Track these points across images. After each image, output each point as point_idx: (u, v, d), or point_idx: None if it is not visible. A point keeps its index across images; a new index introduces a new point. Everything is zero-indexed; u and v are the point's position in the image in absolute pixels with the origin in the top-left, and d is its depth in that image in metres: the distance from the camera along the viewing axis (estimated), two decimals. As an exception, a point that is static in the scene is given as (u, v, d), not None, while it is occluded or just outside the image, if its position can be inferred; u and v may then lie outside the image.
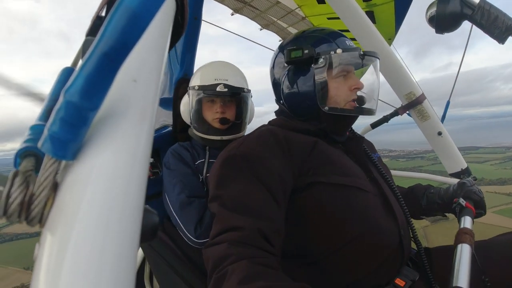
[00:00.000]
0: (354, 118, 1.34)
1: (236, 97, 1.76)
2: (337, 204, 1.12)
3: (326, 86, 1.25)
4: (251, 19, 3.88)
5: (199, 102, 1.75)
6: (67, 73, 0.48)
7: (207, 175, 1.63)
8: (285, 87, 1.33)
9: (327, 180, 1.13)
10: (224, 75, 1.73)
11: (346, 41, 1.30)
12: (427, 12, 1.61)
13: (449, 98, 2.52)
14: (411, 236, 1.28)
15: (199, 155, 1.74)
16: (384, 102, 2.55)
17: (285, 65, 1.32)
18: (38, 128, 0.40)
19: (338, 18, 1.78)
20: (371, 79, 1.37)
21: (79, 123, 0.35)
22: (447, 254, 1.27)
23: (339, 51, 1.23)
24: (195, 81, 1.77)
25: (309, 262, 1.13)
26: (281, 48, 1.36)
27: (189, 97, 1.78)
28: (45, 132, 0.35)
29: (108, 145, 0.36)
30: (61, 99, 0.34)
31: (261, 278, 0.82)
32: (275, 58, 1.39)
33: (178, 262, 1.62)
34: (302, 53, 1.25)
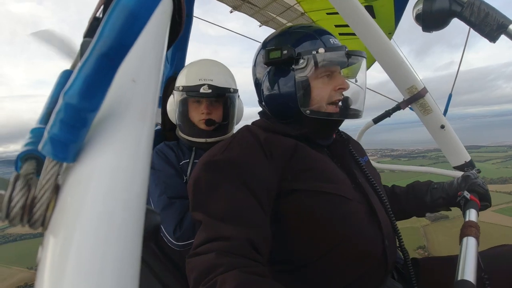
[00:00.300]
0: (339, 122, 1.28)
1: (222, 98, 1.72)
2: (316, 212, 1.08)
3: (308, 87, 1.20)
4: (250, 16, 3.87)
5: (185, 103, 1.72)
6: (66, 75, 0.48)
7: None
8: (266, 88, 1.28)
9: (307, 188, 1.09)
10: (209, 75, 1.68)
11: (331, 39, 1.24)
12: (413, 9, 1.56)
13: (451, 91, 2.50)
14: (398, 245, 1.24)
15: (184, 155, 1.72)
16: (386, 97, 2.54)
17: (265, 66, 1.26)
18: (38, 131, 0.40)
19: (337, 13, 1.77)
20: (358, 79, 1.32)
21: (79, 125, 0.35)
22: (437, 266, 1.27)
23: (321, 50, 1.17)
24: (179, 81, 1.74)
25: (292, 269, 1.10)
26: (264, 45, 1.32)
27: (173, 97, 1.75)
28: (45, 134, 0.35)
29: (108, 146, 0.36)
30: (60, 101, 0.34)
31: (254, 286, 0.82)
32: (256, 56, 1.33)
33: (157, 263, 1.60)
34: (281, 54, 1.19)
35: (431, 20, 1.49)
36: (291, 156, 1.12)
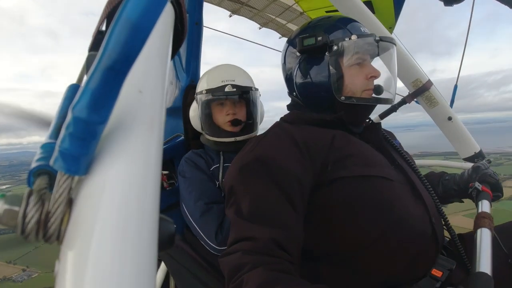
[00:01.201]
0: (371, 108, 1.29)
1: (245, 97, 1.74)
2: (363, 197, 1.07)
3: (341, 75, 1.20)
4: (249, 18, 3.89)
5: (208, 106, 1.73)
6: (73, 89, 0.48)
7: (223, 180, 1.60)
8: (298, 77, 1.28)
9: (350, 174, 1.08)
10: (231, 76, 1.72)
11: (361, 28, 1.25)
12: None
13: (456, 82, 2.49)
14: (443, 223, 1.22)
15: (213, 161, 1.72)
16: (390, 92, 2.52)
17: (298, 55, 1.26)
18: (49, 146, 0.40)
19: (336, 10, 1.77)
20: (388, 66, 1.32)
21: (88, 138, 0.35)
22: None
23: (353, 37, 1.18)
24: (202, 86, 1.75)
25: (339, 262, 1.08)
26: (290, 41, 1.32)
27: (197, 102, 1.76)
28: (56, 149, 0.35)
29: (119, 157, 0.37)
30: (69, 116, 0.35)
31: (278, 283, 0.82)
32: (285, 52, 1.34)
33: (202, 271, 1.60)
34: (315, 40, 1.19)
35: None
36: (330, 147, 1.12)
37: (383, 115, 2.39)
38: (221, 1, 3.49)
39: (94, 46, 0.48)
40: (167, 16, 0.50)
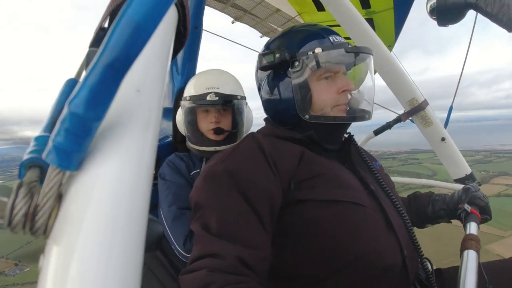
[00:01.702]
0: (345, 126, 1.20)
1: (229, 106, 1.71)
2: (330, 222, 1.00)
3: (307, 91, 1.13)
4: (252, 26, 3.92)
5: (193, 112, 1.71)
6: (70, 84, 0.48)
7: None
8: (265, 93, 1.23)
9: (317, 197, 1.02)
10: (216, 84, 1.68)
11: (331, 37, 1.15)
12: (427, 3, 1.51)
13: (452, 104, 2.51)
14: (417, 255, 1.13)
15: (195, 166, 1.71)
16: (387, 109, 2.54)
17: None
18: (42, 139, 0.40)
19: (338, 25, 1.79)
20: (364, 78, 1.23)
21: (83, 134, 0.35)
22: None
23: (318, 50, 1.09)
24: (187, 91, 1.74)
25: (305, 286, 1.02)
26: (264, 47, 1.26)
27: (182, 108, 1.75)
28: (50, 143, 0.35)
29: (112, 155, 0.36)
30: (65, 110, 0.35)
31: None
32: (256, 65, 1.27)
33: (170, 280, 1.58)
34: (273, 58, 1.13)
35: (446, 14, 1.45)
36: (298, 163, 1.06)
37: (377, 132, 2.41)
38: (224, 7, 3.51)
39: (95, 42, 0.48)
40: (170, 18, 0.50)
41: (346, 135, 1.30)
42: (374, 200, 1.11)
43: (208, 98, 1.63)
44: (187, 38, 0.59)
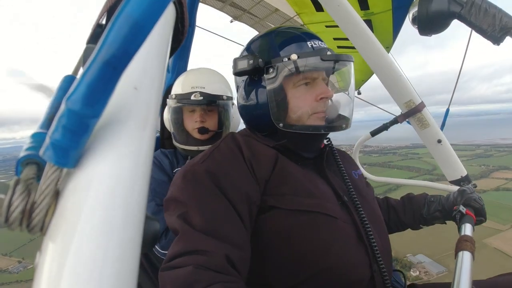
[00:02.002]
0: (323, 134, 1.17)
1: (214, 105, 1.71)
2: (298, 233, 0.98)
3: (283, 98, 1.09)
4: (250, 26, 3.92)
5: (179, 111, 1.71)
6: (68, 80, 0.48)
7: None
8: (240, 98, 1.20)
9: (286, 206, 1.00)
10: (202, 83, 1.68)
11: (309, 43, 1.12)
12: (409, 11, 1.46)
13: (449, 106, 2.52)
14: (384, 271, 1.07)
15: (178, 163, 1.72)
16: (384, 110, 2.55)
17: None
18: (39, 136, 0.40)
19: (336, 26, 1.79)
20: (344, 85, 1.20)
21: (80, 131, 0.35)
22: None
23: (293, 57, 1.06)
24: (174, 89, 1.74)
25: None
26: (245, 49, 1.24)
27: (167, 106, 1.75)
28: (47, 140, 0.35)
29: (109, 152, 0.36)
30: (62, 107, 0.34)
31: None
32: None
33: (141, 274, 1.56)
34: (247, 64, 1.10)
35: (428, 23, 1.39)
36: (273, 168, 1.05)
37: (374, 133, 2.41)
38: (223, 6, 3.51)
39: (93, 38, 0.48)
40: (168, 15, 0.50)
41: (326, 141, 1.28)
42: (347, 212, 1.08)
43: (192, 97, 1.63)
44: (185, 36, 0.59)
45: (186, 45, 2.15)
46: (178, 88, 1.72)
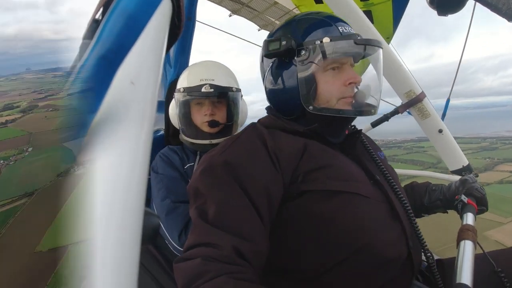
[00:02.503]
0: (350, 119, 1.16)
1: (224, 98, 1.67)
2: (333, 213, 0.97)
3: (313, 82, 1.08)
4: (249, 19, 3.89)
5: (187, 105, 1.67)
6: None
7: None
8: (268, 82, 1.17)
9: (321, 187, 0.99)
10: (210, 75, 1.65)
11: (340, 27, 1.11)
12: None
13: (449, 96, 2.51)
14: (421, 246, 1.10)
15: (188, 159, 1.68)
16: (384, 101, 2.54)
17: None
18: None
19: (336, 17, 1.78)
20: (372, 71, 1.19)
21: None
22: None
23: (326, 40, 1.05)
24: (181, 83, 1.70)
25: (301, 280, 0.99)
26: (269, 36, 1.21)
27: (175, 101, 1.71)
28: (44, 135, 0.35)
29: (107, 147, 0.36)
30: (59, 102, 0.34)
31: None
32: (261, 52, 1.21)
33: (162, 274, 1.55)
34: (279, 45, 1.08)
35: (446, 3, 1.41)
36: (301, 156, 1.03)
37: (375, 124, 2.40)
38: (221, 0, 3.49)
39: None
40: (164, 9, 0.50)
41: (351, 127, 1.27)
42: (380, 191, 1.08)
43: (203, 90, 1.59)
44: (182, 30, 0.58)
45: (188, 39, 2.12)
46: (185, 81, 1.68)
